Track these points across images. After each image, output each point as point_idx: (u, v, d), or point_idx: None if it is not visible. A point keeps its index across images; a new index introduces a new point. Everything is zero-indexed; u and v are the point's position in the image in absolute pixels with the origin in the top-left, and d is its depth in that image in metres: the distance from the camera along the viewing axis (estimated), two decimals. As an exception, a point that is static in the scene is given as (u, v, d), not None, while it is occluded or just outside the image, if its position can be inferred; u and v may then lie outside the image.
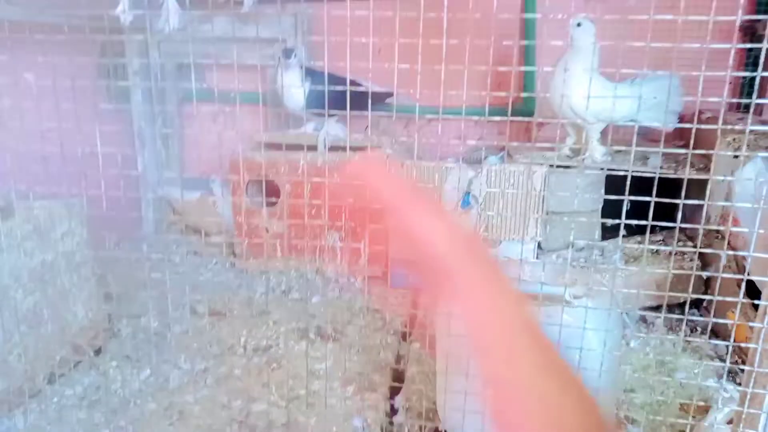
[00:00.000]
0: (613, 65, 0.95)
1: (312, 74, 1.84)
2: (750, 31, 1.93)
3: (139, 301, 1.63)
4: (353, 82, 1.47)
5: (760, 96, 1.80)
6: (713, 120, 1.59)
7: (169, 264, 1.86)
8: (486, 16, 0.97)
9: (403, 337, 1.47)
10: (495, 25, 0.90)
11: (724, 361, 1.32)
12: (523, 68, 2.05)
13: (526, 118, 1.99)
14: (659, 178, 0.91)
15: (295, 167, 1.72)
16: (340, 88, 1.19)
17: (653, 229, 1.35)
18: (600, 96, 1.48)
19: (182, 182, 2.08)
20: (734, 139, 1.45)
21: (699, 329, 1.48)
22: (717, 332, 1.45)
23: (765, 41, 0.85)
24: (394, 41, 0.99)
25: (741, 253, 1.24)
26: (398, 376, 1.32)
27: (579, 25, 1.53)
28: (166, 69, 2.03)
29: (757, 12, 1.94)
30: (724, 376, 1.24)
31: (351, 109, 1.17)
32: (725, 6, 0.91)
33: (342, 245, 1.75)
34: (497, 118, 1.10)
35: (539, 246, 1.62)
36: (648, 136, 1.85)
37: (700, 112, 1.85)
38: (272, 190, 1.79)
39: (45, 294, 1.26)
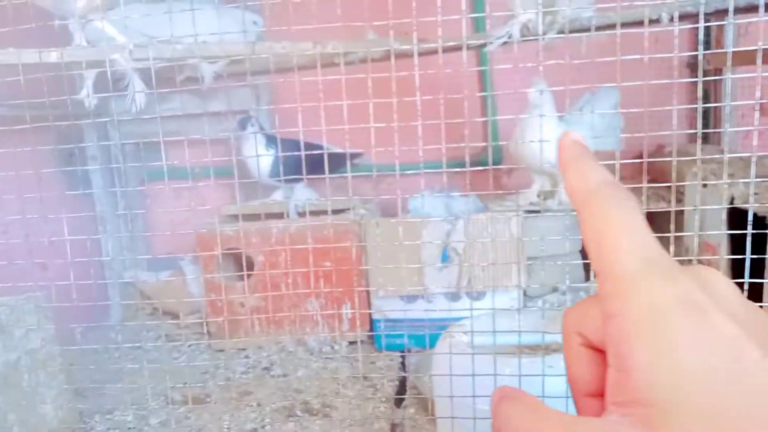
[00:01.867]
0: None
1: (274, 142, 1.83)
2: (695, 67, 2.02)
3: (110, 394, 1.53)
4: (318, 147, 1.46)
5: (715, 126, 1.87)
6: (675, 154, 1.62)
7: (140, 351, 1.76)
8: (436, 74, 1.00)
9: (396, 403, 1.40)
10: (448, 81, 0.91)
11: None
12: (481, 119, 2.10)
13: (501, 166, 2.02)
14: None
15: (267, 237, 1.68)
16: (312, 152, 1.18)
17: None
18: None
19: (149, 264, 2.00)
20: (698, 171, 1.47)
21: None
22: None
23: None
24: (363, 102, 0.99)
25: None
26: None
27: (540, 92, 1.55)
28: (126, 150, 1.99)
29: (697, 49, 2.03)
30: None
31: (320, 173, 1.16)
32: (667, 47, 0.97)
33: (322, 310, 1.69)
34: (476, 169, 1.09)
35: (525, 293, 1.59)
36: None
37: (662, 147, 1.90)
38: (245, 263, 1.73)
39: (9, 397, 1.16)
